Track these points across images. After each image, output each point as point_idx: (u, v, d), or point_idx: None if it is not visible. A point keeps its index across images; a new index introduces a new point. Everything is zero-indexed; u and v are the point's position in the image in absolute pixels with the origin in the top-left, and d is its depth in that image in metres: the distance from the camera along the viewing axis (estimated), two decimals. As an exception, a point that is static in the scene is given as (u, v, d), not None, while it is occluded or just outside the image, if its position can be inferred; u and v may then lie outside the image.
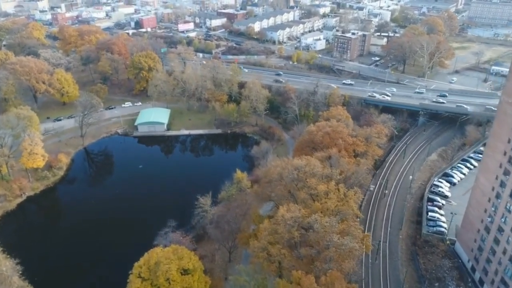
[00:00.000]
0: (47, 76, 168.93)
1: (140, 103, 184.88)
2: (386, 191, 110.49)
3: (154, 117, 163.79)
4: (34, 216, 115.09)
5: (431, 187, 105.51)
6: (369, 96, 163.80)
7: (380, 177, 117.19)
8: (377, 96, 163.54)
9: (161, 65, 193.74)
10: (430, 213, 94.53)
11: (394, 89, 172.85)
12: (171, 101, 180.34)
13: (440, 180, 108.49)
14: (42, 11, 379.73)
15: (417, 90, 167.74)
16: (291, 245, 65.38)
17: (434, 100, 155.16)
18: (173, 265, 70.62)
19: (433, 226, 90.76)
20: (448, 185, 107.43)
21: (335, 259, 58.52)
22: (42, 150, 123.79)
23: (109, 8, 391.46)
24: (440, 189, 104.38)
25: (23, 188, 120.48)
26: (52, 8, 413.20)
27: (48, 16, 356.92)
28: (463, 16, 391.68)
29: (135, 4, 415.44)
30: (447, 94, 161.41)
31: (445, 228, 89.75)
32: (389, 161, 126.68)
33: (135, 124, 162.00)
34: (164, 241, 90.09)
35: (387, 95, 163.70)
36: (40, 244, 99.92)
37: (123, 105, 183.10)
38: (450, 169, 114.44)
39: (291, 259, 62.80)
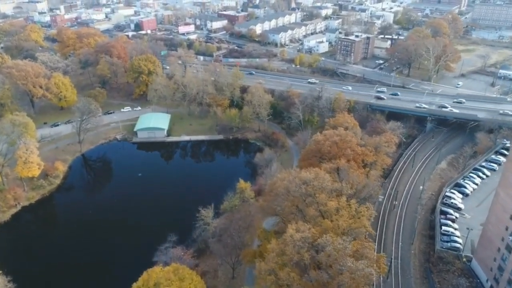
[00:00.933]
0: (44, 80, 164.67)
1: (139, 108, 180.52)
2: (396, 202, 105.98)
3: (154, 122, 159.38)
4: (29, 227, 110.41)
5: (443, 199, 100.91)
6: (377, 92, 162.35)
7: (389, 187, 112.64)
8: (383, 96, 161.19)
9: (161, 69, 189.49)
10: (443, 227, 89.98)
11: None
12: (171, 106, 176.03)
13: (452, 191, 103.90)
14: (41, 13, 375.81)
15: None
16: (300, 267, 60.84)
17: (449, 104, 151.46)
18: (173, 287, 66.14)
19: (448, 242, 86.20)
20: (461, 196, 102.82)
21: (349, 286, 54.01)
22: (38, 158, 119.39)
23: (108, 10, 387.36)
24: (452, 200, 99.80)
25: (18, 198, 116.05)
26: (51, 9, 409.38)
27: (47, 18, 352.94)
28: (466, 18, 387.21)
29: (135, 6, 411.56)
30: (464, 100, 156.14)
31: (461, 244, 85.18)
32: (398, 169, 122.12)
33: (134, 130, 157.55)
34: (164, 257, 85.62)
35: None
36: (34, 259, 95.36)
37: (122, 110, 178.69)
38: (461, 179, 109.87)
39: (301, 283, 58.29)
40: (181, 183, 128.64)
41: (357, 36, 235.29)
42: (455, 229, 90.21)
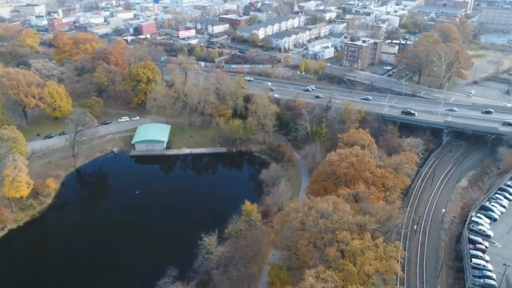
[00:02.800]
0: (37, 89, 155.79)
1: (138, 118, 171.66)
2: (416, 227, 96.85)
3: (153, 134, 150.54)
4: (16, 253, 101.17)
5: (469, 224, 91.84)
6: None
7: (408, 209, 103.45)
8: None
9: (160, 76, 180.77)
10: (473, 260, 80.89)
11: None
12: (171, 116, 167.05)
13: (478, 215, 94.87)
14: (38, 17, 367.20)
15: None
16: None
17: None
18: None
19: (480, 277, 77.08)
20: (488, 221, 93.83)
21: None
22: (27, 176, 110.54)
23: (107, 13, 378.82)
24: (480, 226, 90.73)
25: (5, 220, 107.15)
26: (49, 13, 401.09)
27: (44, 22, 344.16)
28: (472, 21, 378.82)
29: (134, 9, 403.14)
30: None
31: (495, 280, 76.10)
32: (416, 188, 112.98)
33: (132, 142, 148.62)
34: (163, 294, 76.82)
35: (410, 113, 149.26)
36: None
37: (119, 120, 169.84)
38: (487, 201, 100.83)
39: None
40: (181, 202, 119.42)
41: (364, 41, 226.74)
42: (487, 261, 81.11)
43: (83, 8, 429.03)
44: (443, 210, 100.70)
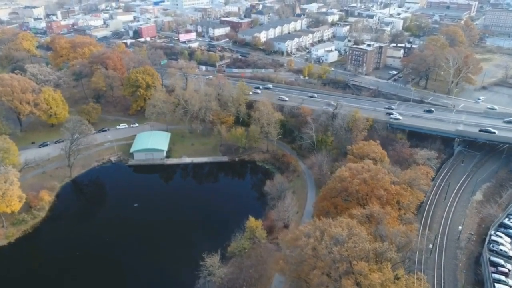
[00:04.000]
0: (33, 96, 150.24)
1: (137, 124, 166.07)
2: (431, 246, 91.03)
3: (152, 143, 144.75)
4: (5, 274, 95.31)
5: (489, 244, 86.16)
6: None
7: (421, 225, 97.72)
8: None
9: (160, 82, 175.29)
10: (497, 285, 75.12)
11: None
12: (171, 122, 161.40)
13: (498, 233, 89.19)
14: (36, 19, 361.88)
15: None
16: None
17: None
18: None
19: (505, 305, 71.46)
20: (509, 240, 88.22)
21: None
22: (19, 190, 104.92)
23: (107, 15, 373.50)
24: (501, 247, 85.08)
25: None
26: (48, 15, 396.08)
27: (43, 24, 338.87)
28: (476, 24, 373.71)
29: (134, 11, 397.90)
30: None
31: (521, 309, 70.45)
32: (428, 202, 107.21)
33: (131, 151, 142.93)
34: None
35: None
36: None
37: (118, 127, 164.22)
38: (506, 217, 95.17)
39: None
40: (182, 215, 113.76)
41: (369, 45, 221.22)
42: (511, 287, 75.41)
43: (83, 11, 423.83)
44: (460, 227, 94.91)
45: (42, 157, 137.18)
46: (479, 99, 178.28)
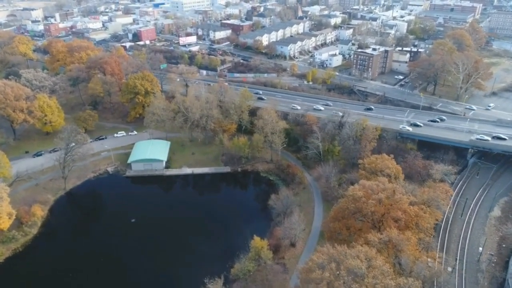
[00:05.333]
0: (26, 103, 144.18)
1: (135, 132, 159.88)
2: (450, 269, 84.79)
3: (151, 152, 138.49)
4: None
5: (514, 268, 79.93)
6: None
7: (438, 246, 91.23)
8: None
9: (159, 88, 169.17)
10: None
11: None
12: (171, 130, 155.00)
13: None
14: (34, 21, 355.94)
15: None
16: None
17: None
18: None
19: None
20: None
21: None
22: (9, 206, 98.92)
23: (106, 18, 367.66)
24: (526, 272, 78.81)
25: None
26: (46, 18, 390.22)
27: (41, 27, 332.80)
28: (481, 27, 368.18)
29: (134, 13, 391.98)
30: None
31: None
32: (444, 219, 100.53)
33: (128, 161, 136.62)
34: None
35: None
36: None
37: (115, 135, 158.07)
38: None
39: None
40: (182, 231, 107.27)
41: (374, 49, 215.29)
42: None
43: (82, 13, 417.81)
44: (480, 249, 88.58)
45: (35, 167, 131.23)
46: (490, 106, 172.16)
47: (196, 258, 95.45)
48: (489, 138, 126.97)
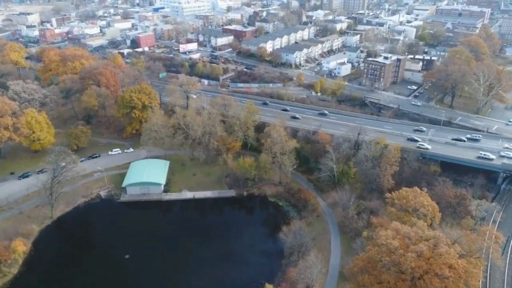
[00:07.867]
0: (12, 119, 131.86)
1: (131, 149, 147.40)
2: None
3: (148, 174, 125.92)
4: None
5: None
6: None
7: (479, 294, 78.50)
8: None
9: (158, 101, 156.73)
10: None
11: None
12: (170, 147, 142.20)
13: None
14: (29, 27, 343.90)
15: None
16: None
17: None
18: None
19: None
20: None
21: None
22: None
23: (104, 22, 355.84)
24: None
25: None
26: (42, 22, 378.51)
27: (36, 33, 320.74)
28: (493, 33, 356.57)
29: (132, 18, 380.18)
30: None
31: None
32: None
33: (123, 185, 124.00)
34: None
35: None
36: None
37: (110, 153, 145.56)
38: None
39: None
40: (181, 271, 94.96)
41: (386, 58, 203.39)
42: None
43: (79, 17, 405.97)
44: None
45: (20, 191, 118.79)
46: (510, 121, 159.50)
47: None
48: None
